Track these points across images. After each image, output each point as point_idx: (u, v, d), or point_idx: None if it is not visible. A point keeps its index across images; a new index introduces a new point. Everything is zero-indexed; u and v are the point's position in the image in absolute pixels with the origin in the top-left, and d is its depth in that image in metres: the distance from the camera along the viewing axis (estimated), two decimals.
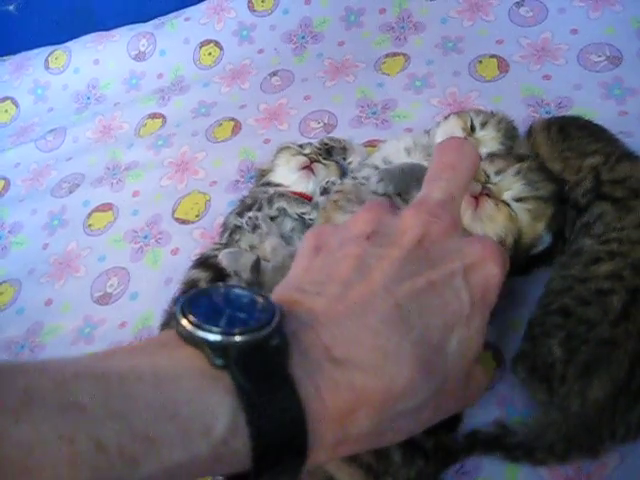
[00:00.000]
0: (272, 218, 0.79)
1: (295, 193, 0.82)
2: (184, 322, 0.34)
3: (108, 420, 0.29)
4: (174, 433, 0.31)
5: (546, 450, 0.55)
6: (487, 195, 0.67)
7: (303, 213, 0.80)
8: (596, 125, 0.76)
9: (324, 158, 0.87)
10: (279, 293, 0.42)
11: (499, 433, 0.58)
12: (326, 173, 0.85)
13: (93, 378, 0.31)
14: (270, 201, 0.80)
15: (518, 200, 0.68)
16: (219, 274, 0.74)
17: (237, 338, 0.34)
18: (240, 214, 0.81)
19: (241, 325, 0.34)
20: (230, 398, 0.32)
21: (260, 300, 0.37)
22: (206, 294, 0.37)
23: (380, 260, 0.40)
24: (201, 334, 0.34)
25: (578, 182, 0.70)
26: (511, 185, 0.68)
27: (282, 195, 0.80)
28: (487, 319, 0.42)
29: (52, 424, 0.28)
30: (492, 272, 0.42)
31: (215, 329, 0.34)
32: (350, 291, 0.39)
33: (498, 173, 0.70)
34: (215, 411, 0.32)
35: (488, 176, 0.70)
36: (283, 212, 0.80)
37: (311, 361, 0.35)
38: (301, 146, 0.88)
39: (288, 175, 0.85)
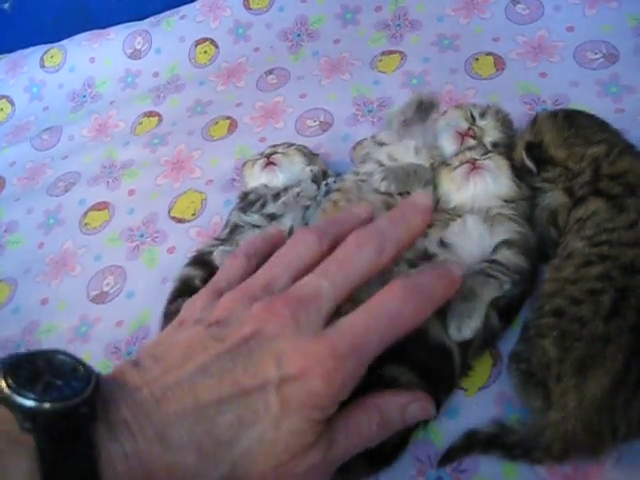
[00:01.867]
0: (273, 216, 0.79)
1: None
2: (2, 384, 0.37)
3: None
4: None
5: (543, 450, 0.55)
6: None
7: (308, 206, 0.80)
8: (600, 118, 0.76)
9: (286, 147, 0.88)
10: (119, 365, 0.46)
11: (497, 432, 0.58)
12: (288, 159, 0.85)
13: None
14: (276, 196, 0.79)
15: None
16: (213, 273, 0.74)
17: (47, 405, 0.36)
18: (243, 210, 0.81)
19: (55, 393, 0.37)
20: (28, 460, 0.35)
21: (81, 368, 0.41)
22: (30, 358, 0.40)
23: (203, 351, 0.43)
24: (16, 399, 0.36)
25: (579, 172, 0.70)
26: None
27: (288, 188, 0.80)
28: (312, 418, 0.43)
29: None
30: (313, 389, 0.42)
31: (30, 395, 0.36)
32: (165, 376, 0.42)
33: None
34: (12, 472, 0.34)
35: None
36: (292, 202, 0.79)
37: (112, 429, 0.39)
38: (262, 153, 0.88)
39: (258, 181, 0.85)
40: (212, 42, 1.25)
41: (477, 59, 1.02)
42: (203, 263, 0.75)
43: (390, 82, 1.04)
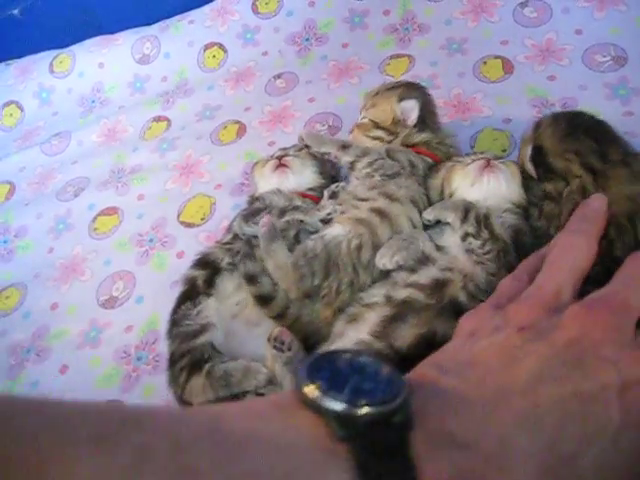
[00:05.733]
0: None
1: (305, 195, 0.82)
2: (308, 389, 0.33)
3: None
4: None
5: None
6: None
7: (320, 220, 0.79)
8: (603, 126, 0.74)
9: (297, 150, 0.87)
10: (417, 367, 0.41)
11: None
12: (300, 162, 0.85)
13: (211, 442, 0.30)
14: (282, 213, 0.79)
15: None
16: (214, 272, 0.74)
17: (363, 410, 0.32)
18: (245, 219, 0.80)
19: (367, 397, 0.33)
20: (348, 476, 0.30)
21: (385, 371, 0.36)
22: (329, 359, 0.36)
23: (527, 355, 0.40)
24: (326, 402, 0.32)
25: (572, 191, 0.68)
26: None
27: (297, 207, 0.79)
28: None
29: None
30: None
31: (340, 397, 0.33)
32: (489, 378, 0.38)
33: None
34: None
35: None
36: (296, 224, 0.79)
37: (434, 442, 0.34)
38: (272, 155, 0.88)
39: (268, 182, 0.84)
40: (221, 46, 1.25)
41: (485, 62, 1.02)
42: (205, 264, 0.76)
43: None
